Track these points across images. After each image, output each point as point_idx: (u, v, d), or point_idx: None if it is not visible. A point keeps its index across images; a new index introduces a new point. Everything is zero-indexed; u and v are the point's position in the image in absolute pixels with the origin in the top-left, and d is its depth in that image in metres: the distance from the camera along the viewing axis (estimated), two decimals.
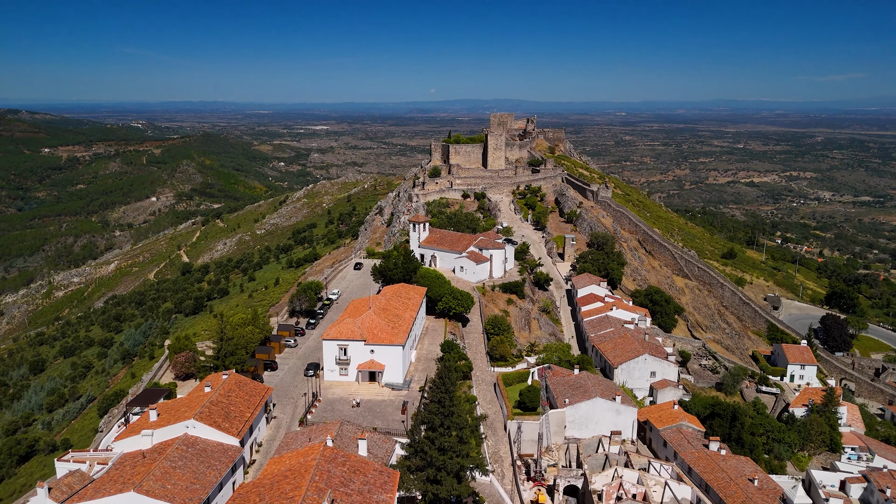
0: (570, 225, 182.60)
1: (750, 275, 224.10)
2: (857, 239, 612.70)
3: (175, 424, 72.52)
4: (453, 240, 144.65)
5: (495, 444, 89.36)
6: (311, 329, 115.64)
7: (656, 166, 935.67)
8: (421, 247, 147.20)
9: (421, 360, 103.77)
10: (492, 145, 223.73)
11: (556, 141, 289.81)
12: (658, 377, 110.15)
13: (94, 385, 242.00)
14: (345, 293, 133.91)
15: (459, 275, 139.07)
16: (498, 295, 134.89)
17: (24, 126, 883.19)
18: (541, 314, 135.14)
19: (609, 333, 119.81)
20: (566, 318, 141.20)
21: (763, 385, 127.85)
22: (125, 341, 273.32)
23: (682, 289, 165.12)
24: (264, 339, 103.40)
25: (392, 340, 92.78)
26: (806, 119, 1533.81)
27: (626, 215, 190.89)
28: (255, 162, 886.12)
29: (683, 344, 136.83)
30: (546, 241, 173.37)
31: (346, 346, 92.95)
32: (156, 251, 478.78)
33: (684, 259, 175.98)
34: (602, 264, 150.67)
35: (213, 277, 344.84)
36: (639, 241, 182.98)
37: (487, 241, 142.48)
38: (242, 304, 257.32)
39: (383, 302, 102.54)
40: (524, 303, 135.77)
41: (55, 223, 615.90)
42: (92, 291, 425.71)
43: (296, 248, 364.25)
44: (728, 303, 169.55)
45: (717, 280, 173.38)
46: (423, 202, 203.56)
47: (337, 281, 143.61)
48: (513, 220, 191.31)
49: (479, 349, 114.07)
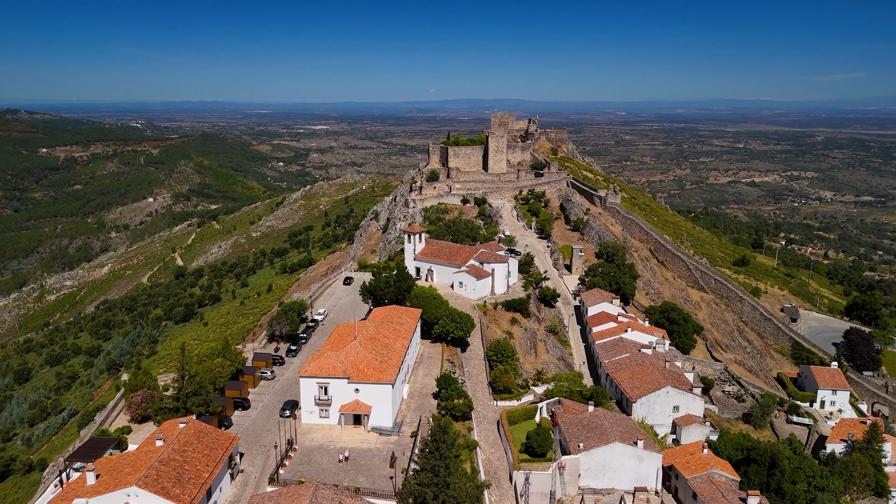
0: (577, 233, 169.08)
1: (764, 283, 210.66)
2: (861, 240, 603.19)
3: (114, 492, 59.32)
4: (452, 252, 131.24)
5: (499, 499, 76.13)
6: (291, 356, 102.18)
7: (657, 166, 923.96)
8: (416, 259, 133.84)
9: (414, 395, 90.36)
10: (493, 147, 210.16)
11: (558, 142, 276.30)
12: (682, 412, 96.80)
13: (78, 397, 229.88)
14: (332, 312, 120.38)
15: (458, 291, 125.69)
16: (501, 314, 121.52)
17: (23, 126, 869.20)
18: (548, 335, 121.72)
19: (625, 360, 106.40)
20: (575, 339, 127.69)
21: (793, 414, 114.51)
22: (112, 350, 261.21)
23: (699, 303, 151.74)
24: (236, 373, 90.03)
25: (380, 378, 79.41)
26: (806, 118, 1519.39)
27: (637, 223, 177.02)
28: (254, 162, 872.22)
29: (704, 367, 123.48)
30: (552, 251, 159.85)
31: (326, 384, 79.57)
32: (150, 254, 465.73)
33: (699, 270, 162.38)
34: (613, 278, 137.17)
35: (205, 282, 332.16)
36: (650, 250, 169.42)
37: (489, 253, 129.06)
38: (233, 312, 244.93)
39: (371, 330, 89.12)
40: (529, 322, 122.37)
41: (50, 224, 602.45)
42: (84, 295, 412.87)
43: (291, 251, 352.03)
44: (748, 318, 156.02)
45: (736, 293, 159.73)
46: (420, 208, 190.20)
47: (324, 298, 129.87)
48: (515, 227, 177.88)
49: (480, 379, 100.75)
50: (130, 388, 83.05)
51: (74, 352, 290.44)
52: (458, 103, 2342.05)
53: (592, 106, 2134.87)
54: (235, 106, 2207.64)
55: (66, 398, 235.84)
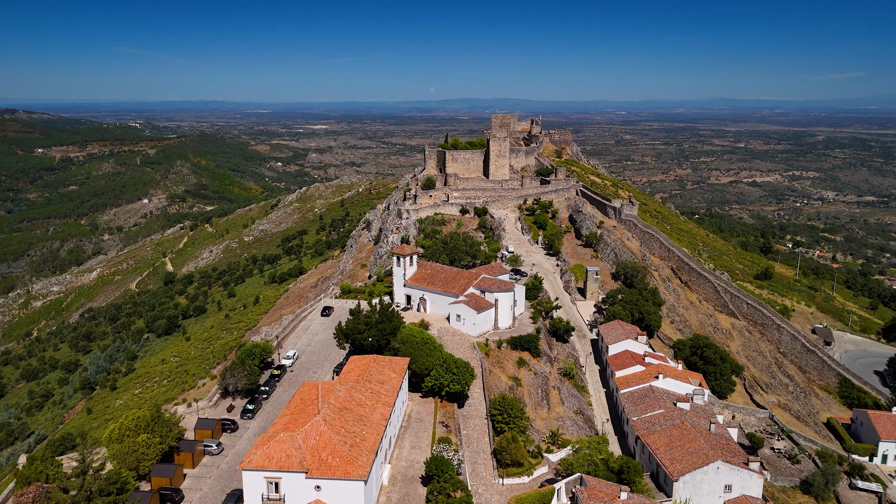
0: (590, 249, 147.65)
1: (790, 299, 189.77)
2: (868, 241, 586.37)
3: None
4: (448, 278, 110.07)
5: None
6: (248, 419, 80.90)
7: (658, 166, 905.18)
8: (407, 286, 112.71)
9: (397, 480, 69.25)
10: (494, 152, 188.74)
11: (562, 144, 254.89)
12: (735, 491, 75.81)
13: (49, 420, 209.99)
14: (304, 354, 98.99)
15: (456, 325, 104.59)
16: (506, 354, 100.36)
17: (19, 126, 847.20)
18: (562, 380, 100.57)
19: (658, 418, 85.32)
20: (594, 383, 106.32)
21: (857, 476, 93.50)
22: (88, 367, 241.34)
23: (729, 331, 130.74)
24: (169, 451, 68.96)
25: (349, 472, 58.31)
26: (806, 118, 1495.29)
27: (657, 237, 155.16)
28: (252, 162, 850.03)
29: (746, 416, 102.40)
30: (562, 270, 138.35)
31: (277, 479, 58.54)
32: (140, 258, 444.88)
33: (729, 292, 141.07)
34: (635, 306, 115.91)
35: (192, 292, 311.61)
36: (672, 269, 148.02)
37: (491, 280, 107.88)
38: (217, 326, 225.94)
39: (342, 396, 67.97)
40: (540, 364, 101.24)
41: (42, 226, 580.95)
42: (70, 302, 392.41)
43: (283, 258, 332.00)
44: (787, 348, 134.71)
45: (772, 320, 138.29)
46: (415, 219, 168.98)
47: (297, 334, 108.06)
48: (520, 241, 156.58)
49: (481, 446, 79.73)
50: (22, 482, 61.95)
51: (52, 366, 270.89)
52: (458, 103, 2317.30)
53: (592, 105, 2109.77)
54: (235, 105, 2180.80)
55: (37, 420, 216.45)
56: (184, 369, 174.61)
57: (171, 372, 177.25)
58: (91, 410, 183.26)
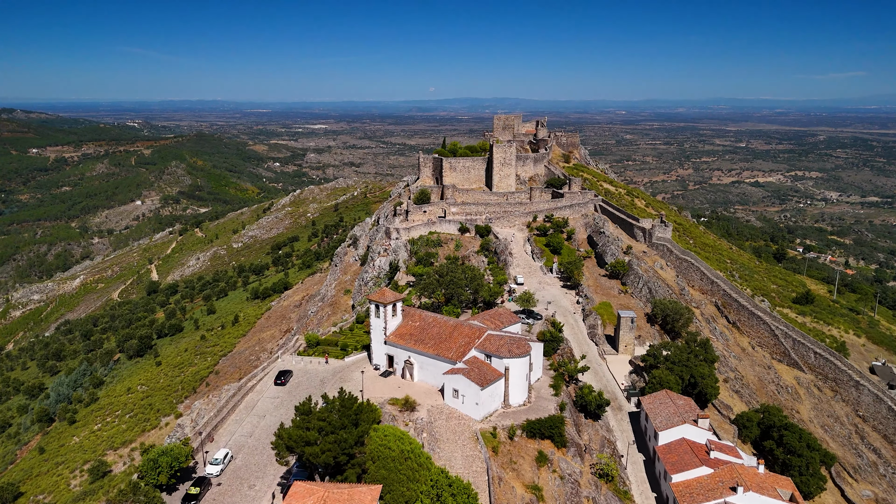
0: (616, 282, 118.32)
1: (836, 328, 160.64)
2: (878, 245, 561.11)
3: None
4: (442, 335, 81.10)
5: None
6: None
7: (659, 166, 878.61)
8: (388, 343, 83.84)
9: None
10: (498, 159, 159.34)
11: (570, 147, 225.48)
12: None
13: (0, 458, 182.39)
14: (242, 452, 69.05)
15: (452, 403, 75.70)
16: (521, 446, 71.47)
17: (14, 126, 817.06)
18: (598, 484, 71.60)
19: None
20: (638, 482, 76.83)
21: None
22: (50, 393, 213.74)
23: (795, 389, 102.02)
24: None
25: None
26: (807, 118, 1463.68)
27: (696, 266, 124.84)
28: (250, 162, 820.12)
29: None
30: (584, 311, 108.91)
31: None
32: (126, 264, 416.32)
33: (790, 337, 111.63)
34: (685, 367, 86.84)
35: (172, 306, 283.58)
36: (716, 305, 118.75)
37: (500, 339, 78.89)
38: (191, 350, 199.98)
39: None
40: (567, 459, 72.36)
41: (31, 229, 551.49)
42: (49, 313, 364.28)
43: (270, 269, 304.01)
44: (867, 411, 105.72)
45: (849, 375, 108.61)
46: (406, 240, 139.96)
47: (237, 417, 77.21)
48: (531, 269, 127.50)
49: None
50: None
51: (16, 388, 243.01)
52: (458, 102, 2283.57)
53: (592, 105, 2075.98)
54: (235, 105, 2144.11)
55: None
56: (148, 402, 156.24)
57: (136, 405, 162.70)
58: (44, 450, 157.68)
